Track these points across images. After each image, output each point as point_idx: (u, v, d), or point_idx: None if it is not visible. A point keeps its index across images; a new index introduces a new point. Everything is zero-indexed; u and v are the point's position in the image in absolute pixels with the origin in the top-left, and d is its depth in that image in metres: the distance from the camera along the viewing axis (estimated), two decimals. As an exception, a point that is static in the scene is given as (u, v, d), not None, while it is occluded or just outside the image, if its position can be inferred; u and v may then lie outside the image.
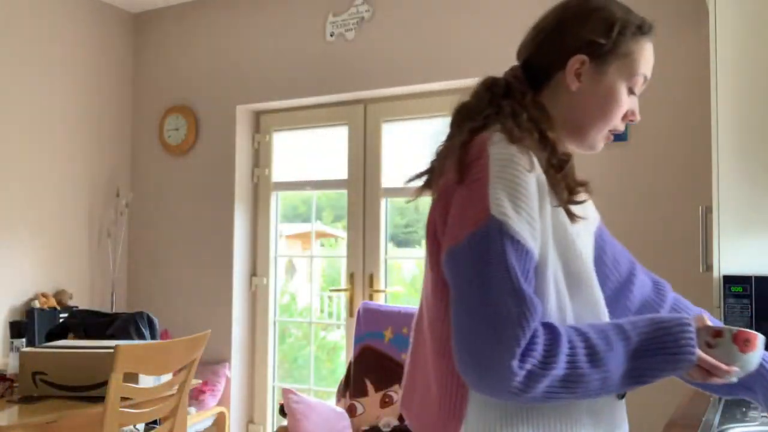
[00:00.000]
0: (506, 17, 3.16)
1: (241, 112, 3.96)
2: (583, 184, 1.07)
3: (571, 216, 1.03)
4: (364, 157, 3.64)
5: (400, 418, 2.93)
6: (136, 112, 4.35)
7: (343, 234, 3.74)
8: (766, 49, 2.03)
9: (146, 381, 2.29)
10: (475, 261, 0.93)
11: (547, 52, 1.12)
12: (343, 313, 3.73)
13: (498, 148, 0.98)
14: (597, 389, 0.93)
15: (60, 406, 2.13)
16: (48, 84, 3.85)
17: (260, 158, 4.03)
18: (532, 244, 0.95)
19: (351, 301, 3.63)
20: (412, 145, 3.55)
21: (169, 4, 4.22)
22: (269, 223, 3.98)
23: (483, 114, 1.05)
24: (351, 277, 3.65)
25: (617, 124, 1.13)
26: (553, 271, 0.99)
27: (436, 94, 3.46)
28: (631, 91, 1.12)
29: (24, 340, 2.50)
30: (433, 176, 1.08)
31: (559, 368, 0.90)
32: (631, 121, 1.14)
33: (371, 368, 3.07)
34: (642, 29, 1.11)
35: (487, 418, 0.98)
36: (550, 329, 0.92)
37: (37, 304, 3.65)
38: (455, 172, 0.99)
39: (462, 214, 0.97)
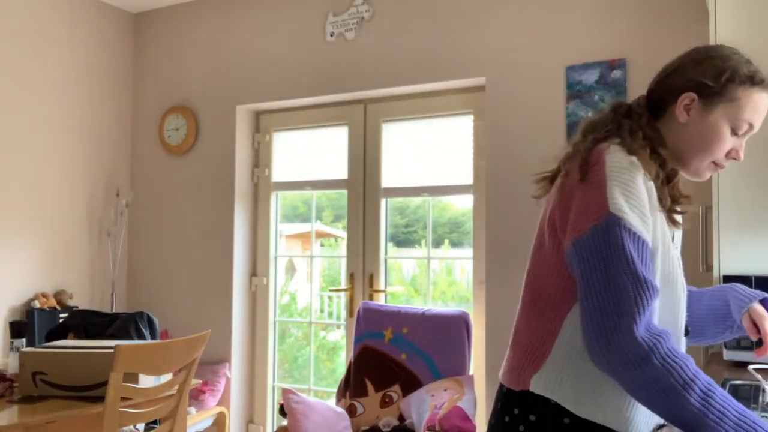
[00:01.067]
0: (506, 18, 3.16)
1: (241, 112, 3.96)
2: (686, 197, 1.25)
3: (675, 223, 1.23)
4: (364, 157, 3.64)
5: (400, 418, 2.93)
6: (136, 112, 4.36)
7: (343, 234, 3.74)
8: (766, 49, 2.03)
9: (146, 381, 2.29)
10: (597, 250, 1.11)
11: (665, 86, 1.31)
12: (343, 313, 3.72)
13: (614, 156, 1.17)
14: (677, 419, 1.04)
15: (60, 406, 2.13)
16: (48, 84, 3.85)
17: (260, 158, 4.03)
18: (647, 236, 1.13)
19: (351, 301, 3.63)
20: (412, 145, 3.55)
21: (169, 4, 4.22)
22: (269, 223, 3.98)
23: (605, 128, 1.26)
24: (351, 277, 3.65)
25: (719, 158, 1.28)
26: None
27: (436, 94, 3.46)
28: (734, 132, 1.26)
29: (24, 340, 2.50)
30: (557, 174, 1.28)
31: (672, 377, 1.03)
32: (734, 158, 1.29)
33: (371, 368, 3.07)
34: (753, 80, 1.24)
35: (561, 371, 1.16)
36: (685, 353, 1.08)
37: (37, 304, 3.65)
38: (578, 173, 1.19)
39: (584, 210, 1.15)
